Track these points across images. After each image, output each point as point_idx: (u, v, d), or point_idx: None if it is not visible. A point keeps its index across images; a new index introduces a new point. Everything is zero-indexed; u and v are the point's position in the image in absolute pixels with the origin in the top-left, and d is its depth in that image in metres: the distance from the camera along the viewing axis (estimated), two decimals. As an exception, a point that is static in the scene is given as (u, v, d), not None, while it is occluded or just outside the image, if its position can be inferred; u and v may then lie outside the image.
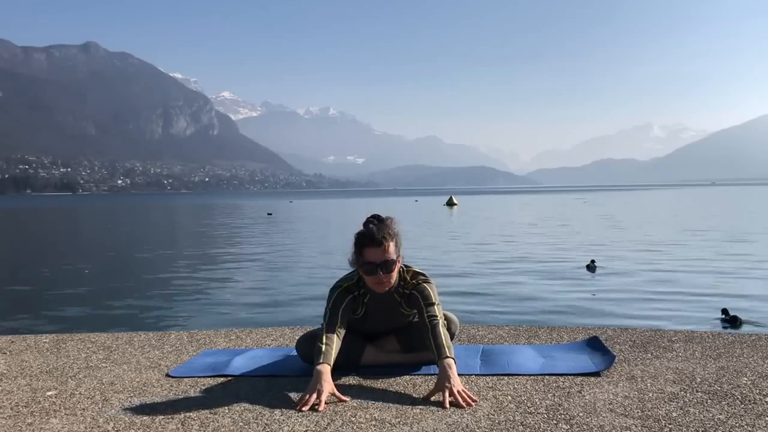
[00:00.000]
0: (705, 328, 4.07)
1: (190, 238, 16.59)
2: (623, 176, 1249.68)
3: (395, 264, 2.66)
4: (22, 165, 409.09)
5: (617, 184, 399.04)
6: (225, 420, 2.22)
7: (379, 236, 2.63)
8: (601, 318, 5.12)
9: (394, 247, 2.66)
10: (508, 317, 5.25)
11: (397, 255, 2.68)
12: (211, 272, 9.01)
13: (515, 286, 7.02)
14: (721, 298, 5.78)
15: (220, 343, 3.52)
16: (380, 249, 2.62)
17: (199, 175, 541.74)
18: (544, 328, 3.77)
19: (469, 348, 3.19)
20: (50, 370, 3.00)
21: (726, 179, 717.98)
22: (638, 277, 7.40)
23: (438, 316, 2.64)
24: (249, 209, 39.36)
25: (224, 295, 6.93)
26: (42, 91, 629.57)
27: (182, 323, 5.34)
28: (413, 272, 2.77)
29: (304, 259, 10.50)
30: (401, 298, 2.77)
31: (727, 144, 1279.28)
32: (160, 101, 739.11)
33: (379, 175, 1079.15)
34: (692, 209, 27.52)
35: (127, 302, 6.62)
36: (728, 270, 7.93)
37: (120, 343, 3.56)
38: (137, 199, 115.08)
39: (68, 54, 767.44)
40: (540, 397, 2.40)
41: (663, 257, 9.48)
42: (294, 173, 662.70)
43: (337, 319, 2.64)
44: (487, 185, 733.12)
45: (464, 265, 9.10)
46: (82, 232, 21.44)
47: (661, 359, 2.93)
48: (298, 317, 5.48)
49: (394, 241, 2.67)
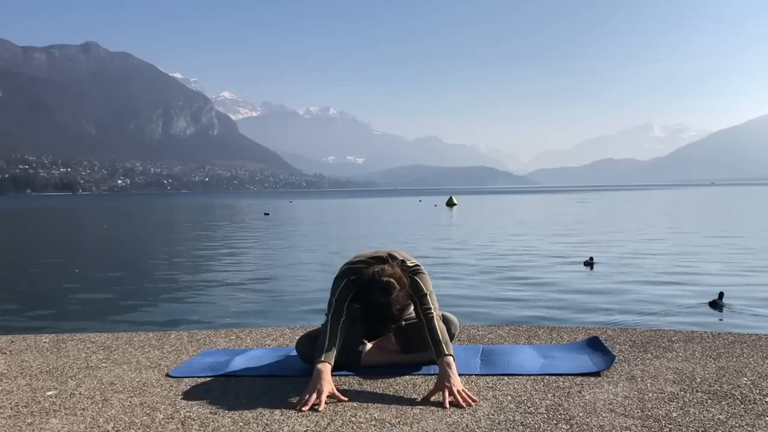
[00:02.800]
0: (705, 327, 4.07)
1: (189, 237, 16.59)
2: (623, 176, 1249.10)
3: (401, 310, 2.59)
4: (22, 165, 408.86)
5: (617, 184, 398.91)
6: (225, 420, 2.22)
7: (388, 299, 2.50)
8: (601, 317, 5.12)
9: (403, 295, 2.55)
10: (508, 317, 5.25)
11: (405, 297, 2.57)
12: (211, 272, 9.00)
13: (515, 286, 7.02)
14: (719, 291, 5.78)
15: (220, 343, 3.52)
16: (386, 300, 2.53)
17: (199, 175, 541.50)
18: (544, 328, 3.76)
19: (469, 348, 3.19)
20: (50, 370, 3.00)
21: (726, 179, 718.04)
22: (636, 275, 7.40)
23: (432, 308, 2.61)
24: (247, 209, 39.35)
25: (224, 295, 6.93)
26: (42, 91, 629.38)
27: (182, 323, 5.34)
28: (404, 266, 2.68)
29: (303, 259, 10.50)
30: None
31: (727, 144, 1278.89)
32: (160, 101, 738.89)
33: (379, 175, 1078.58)
34: (690, 209, 27.51)
35: (127, 302, 6.62)
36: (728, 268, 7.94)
37: (120, 343, 3.56)
38: (136, 199, 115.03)
39: (68, 54, 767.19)
40: (540, 397, 2.39)
41: (662, 255, 9.48)
42: (294, 173, 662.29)
43: (342, 312, 2.60)
44: (487, 185, 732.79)
45: (464, 264, 9.10)
46: (82, 231, 21.44)
47: (661, 359, 2.92)
48: (298, 317, 5.48)
49: (404, 291, 2.54)
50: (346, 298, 2.63)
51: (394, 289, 2.50)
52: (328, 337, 2.53)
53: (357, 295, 2.58)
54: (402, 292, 2.53)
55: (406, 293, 2.57)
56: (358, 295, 2.57)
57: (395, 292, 2.50)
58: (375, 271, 2.54)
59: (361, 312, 2.59)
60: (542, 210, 30.06)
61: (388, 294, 2.50)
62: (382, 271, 2.53)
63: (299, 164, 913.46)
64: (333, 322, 2.58)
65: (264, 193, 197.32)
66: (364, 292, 2.53)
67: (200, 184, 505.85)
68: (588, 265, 8.28)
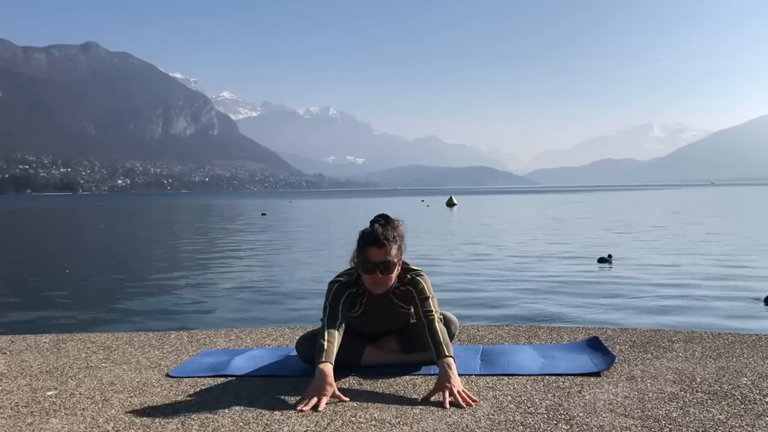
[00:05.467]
0: (705, 328, 4.07)
1: (189, 237, 16.58)
2: (623, 176, 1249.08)
3: (395, 266, 2.66)
4: (22, 165, 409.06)
5: (617, 184, 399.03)
6: (225, 420, 2.22)
7: (382, 237, 2.63)
8: (601, 317, 5.12)
9: (397, 250, 2.66)
10: (508, 317, 5.25)
11: (398, 258, 2.68)
12: (211, 272, 9.01)
13: (516, 285, 7.02)
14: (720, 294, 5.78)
15: (220, 343, 3.52)
16: (382, 250, 2.62)
17: (199, 175, 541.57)
18: (544, 327, 3.76)
19: (469, 348, 3.19)
20: (50, 370, 3.00)
21: (726, 179, 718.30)
22: (637, 274, 7.41)
23: (433, 310, 2.64)
24: (245, 209, 39.35)
25: (224, 295, 6.93)
26: (42, 91, 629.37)
27: (182, 323, 5.34)
28: (406, 268, 2.77)
29: (303, 258, 10.50)
30: (397, 298, 2.77)
31: (727, 144, 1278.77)
32: (160, 101, 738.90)
33: (379, 175, 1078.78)
34: (689, 210, 27.53)
35: (126, 302, 6.62)
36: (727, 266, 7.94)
37: (120, 343, 3.56)
38: (136, 199, 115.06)
39: (68, 54, 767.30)
40: (540, 397, 2.40)
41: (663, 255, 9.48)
42: (294, 173, 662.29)
43: (337, 313, 2.63)
44: (487, 185, 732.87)
45: (464, 264, 9.10)
46: (81, 232, 21.44)
47: (661, 359, 2.92)
48: (298, 317, 5.48)
49: (398, 244, 2.67)
50: (341, 298, 2.68)
51: (390, 230, 2.66)
52: (326, 338, 2.54)
53: (356, 255, 2.69)
54: (396, 244, 2.64)
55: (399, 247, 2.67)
56: (357, 254, 2.68)
57: (391, 232, 2.65)
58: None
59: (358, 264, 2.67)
60: (542, 210, 30.08)
61: (384, 228, 2.65)
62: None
63: (299, 164, 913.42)
64: (330, 324, 2.60)
65: (264, 193, 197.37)
66: (361, 245, 2.66)
67: (200, 184, 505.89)
68: (605, 262, 8.44)
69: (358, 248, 2.69)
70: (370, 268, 2.63)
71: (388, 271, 2.64)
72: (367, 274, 2.65)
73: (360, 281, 2.74)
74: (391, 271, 2.65)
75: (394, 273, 2.67)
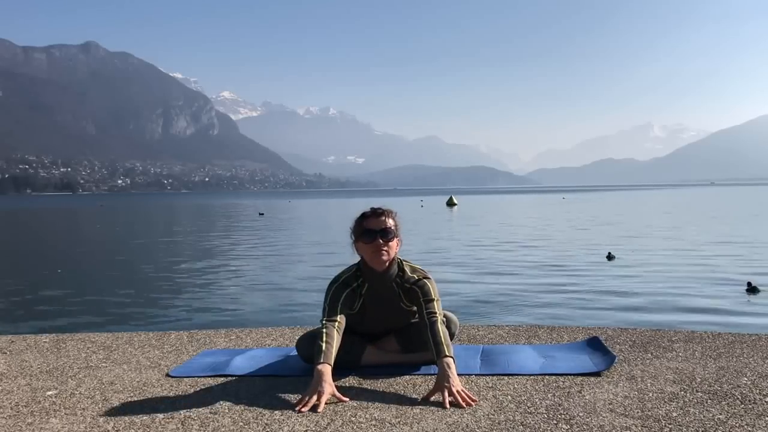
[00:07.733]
0: (705, 327, 4.07)
1: (188, 237, 16.58)
2: (623, 176, 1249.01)
3: (394, 235, 2.71)
4: (22, 165, 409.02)
5: (617, 184, 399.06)
6: (225, 420, 2.22)
7: (379, 209, 2.75)
8: (601, 317, 5.12)
9: (394, 223, 2.74)
10: (508, 317, 5.25)
11: (396, 229, 2.75)
12: (211, 272, 9.01)
13: (515, 285, 7.02)
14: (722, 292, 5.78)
15: (220, 343, 3.52)
16: (381, 218, 2.71)
17: (199, 175, 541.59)
18: (544, 327, 3.76)
19: (469, 348, 3.19)
20: (50, 370, 3.00)
21: (726, 179, 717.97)
22: (636, 274, 7.41)
23: (437, 313, 2.65)
24: (243, 209, 39.35)
25: (224, 295, 6.93)
26: (42, 91, 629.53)
27: (182, 323, 5.34)
28: (412, 267, 2.79)
29: (303, 258, 10.50)
30: (400, 289, 2.76)
31: (727, 144, 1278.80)
32: (160, 101, 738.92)
33: (379, 175, 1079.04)
34: (690, 210, 27.52)
35: (126, 302, 6.62)
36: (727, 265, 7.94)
37: (120, 343, 3.56)
38: (136, 199, 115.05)
39: (68, 54, 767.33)
40: (540, 397, 2.40)
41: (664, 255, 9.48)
42: (294, 173, 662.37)
43: (336, 313, 2.64)
44: (487, 185, 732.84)
45: (464, 264, 9.10)
46: (81, 231, 21.44)
47: (661, 359, 2.92)
48: (298, 317, 5.49)
49: (394, 220, 2.76)
50: (340, 298, 2.69)
51: (390, 214, 2.75)
52: (326, 339, 2.54)
53: (356, 233, 2.76)
54: (392, 218, 2.74)
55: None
56: (356, 232, 2.75)
57: (390, 215, 2.74)
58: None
59: (359, 238, 2.74)
60: (542, 210, 30.08)
61: (384, 211, 2.74)
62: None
63: (299, 164, 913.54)
64: (329, 324, 2.60)
65: (263, 193, 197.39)
66: (360, 221, 2.75)
67: (200, 184, 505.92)
68: (611, 259, 8.73)
69: (356, 227, 2.76)
70: (370, 235, 2.68)
71: (389, 237, 2.69)
72: (368, 244, 2.68)
73: (360, 272, 2.75)
74: (391, 239, 2.70)
75: (394, 242, 2.72)
